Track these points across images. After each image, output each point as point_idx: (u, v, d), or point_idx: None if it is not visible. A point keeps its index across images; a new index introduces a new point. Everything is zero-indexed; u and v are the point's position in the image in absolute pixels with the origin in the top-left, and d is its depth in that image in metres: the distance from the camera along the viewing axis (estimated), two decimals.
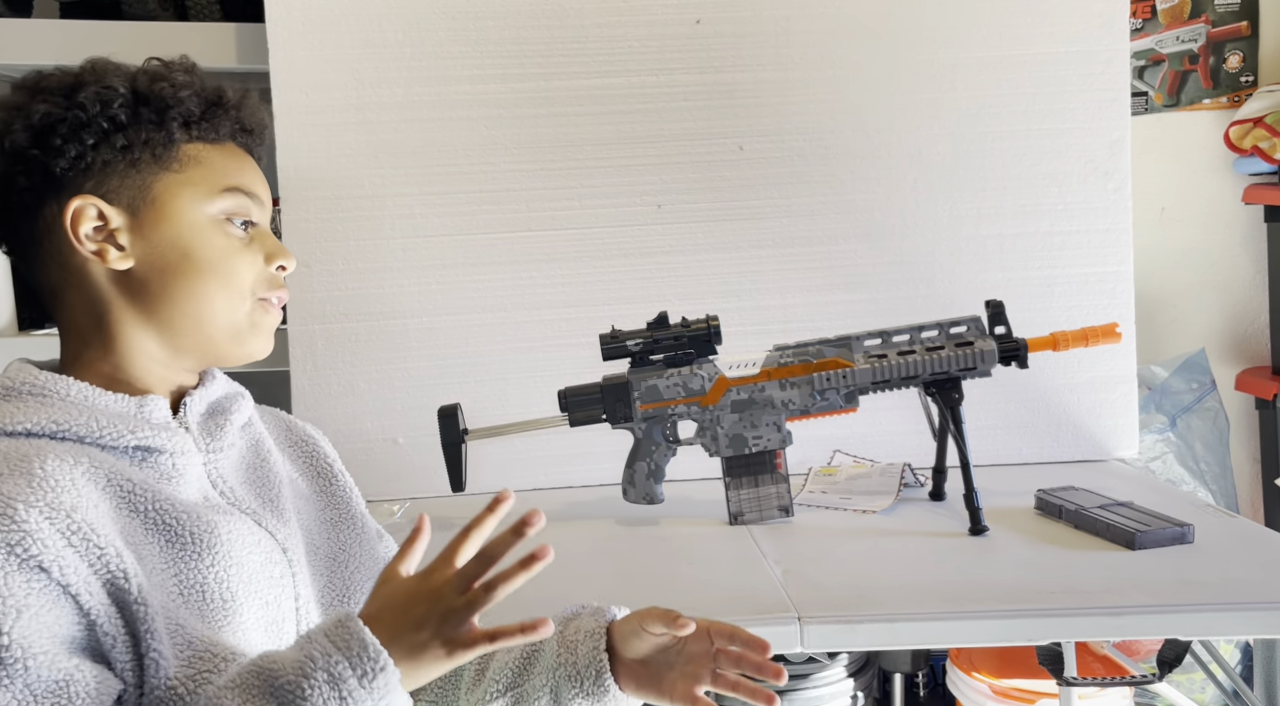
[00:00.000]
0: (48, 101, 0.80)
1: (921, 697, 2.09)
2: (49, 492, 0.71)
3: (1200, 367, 2.13)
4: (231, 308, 0.85)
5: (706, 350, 1.52)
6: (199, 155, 0.85)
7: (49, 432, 0.76)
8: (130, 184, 0.82)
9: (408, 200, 1.75)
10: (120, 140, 0.81)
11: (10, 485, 0.70)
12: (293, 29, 1.72)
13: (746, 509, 1.52)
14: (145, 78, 0.84)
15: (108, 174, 0.81)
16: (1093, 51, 1.78)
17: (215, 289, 0.84)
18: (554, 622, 0.92)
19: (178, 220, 0.83)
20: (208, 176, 0.85)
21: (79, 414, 0.78)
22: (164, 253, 0.82)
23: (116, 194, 0.81)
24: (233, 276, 0.85)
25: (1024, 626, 1.17)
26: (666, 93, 1.77)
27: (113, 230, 0.81)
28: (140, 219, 0.82)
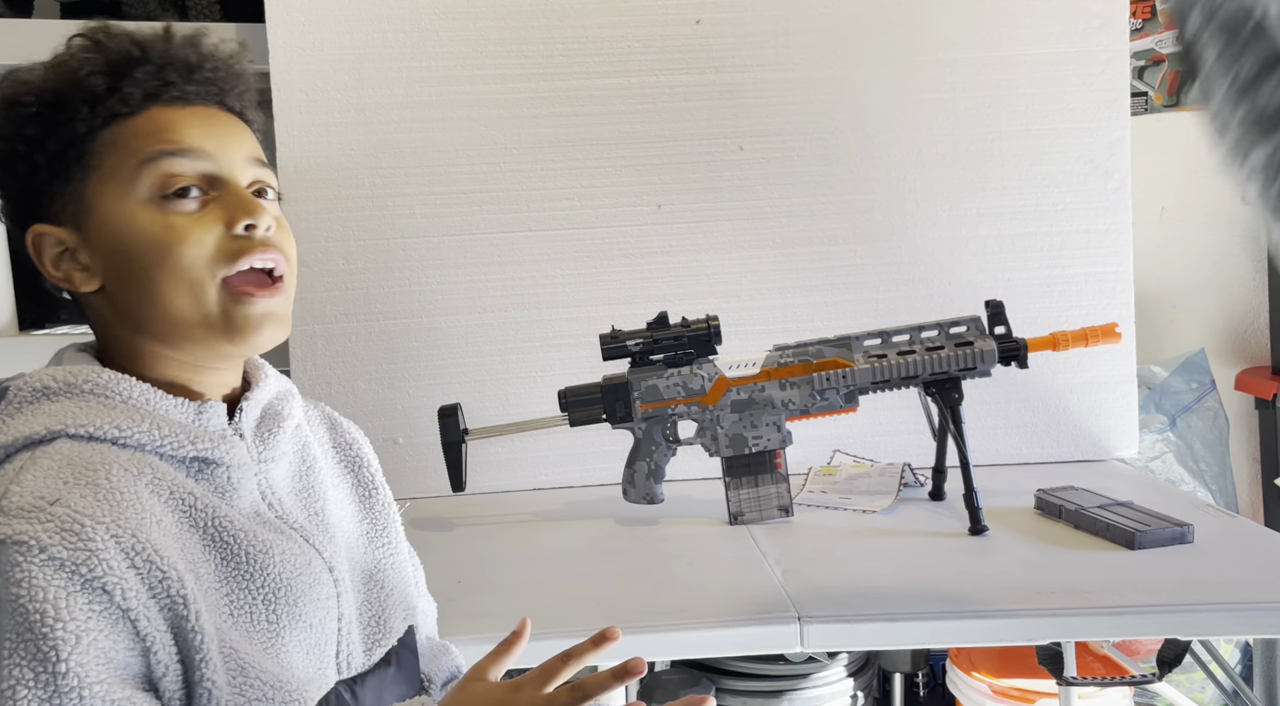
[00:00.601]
0: None
1: (921, 697, 2.09)
2: (116, 508, 0.68)
3: (1200, 367, 2.14)
4: (193, 299, 0.75)
5: (706, 350, 1.52)
6: (115, 138, 0.75)
7: (111, 438, 0.73)
8: (66, 199, 0.76)
9: (408, 200, 1.75)
10: (40, 157, 0.75)
11: (78, 498, 0.67)
12: (293, 29, 1.72)
13: (746, 509, 1.52)
14: (50, 75, 0.76)
15: (48, 196, 0.76)
16: (1093, 51, 1.78)
17: (165, 283, 0.75)
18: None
19: (113, 220, 0.75)
20: (124, 157, 0.75)
21: (141, 420, 0.74)
22: (114, 261, 0.75)
23: (60, 214, 0.76)
24: (176, 262, 0.74)
25: (1024, 626, 1.18)
26: (666, 93, 1.77)
27: (71, 251, 0.76)
28: (86, 233, 0.76)
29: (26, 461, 0.69)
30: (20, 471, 0.69)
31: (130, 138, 0.75)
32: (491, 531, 1.57)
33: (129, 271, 0.75)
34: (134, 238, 0.74)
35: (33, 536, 0.64)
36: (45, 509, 0.65)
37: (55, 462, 0.69)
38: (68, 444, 0.71)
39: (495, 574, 1.37)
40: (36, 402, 0.73)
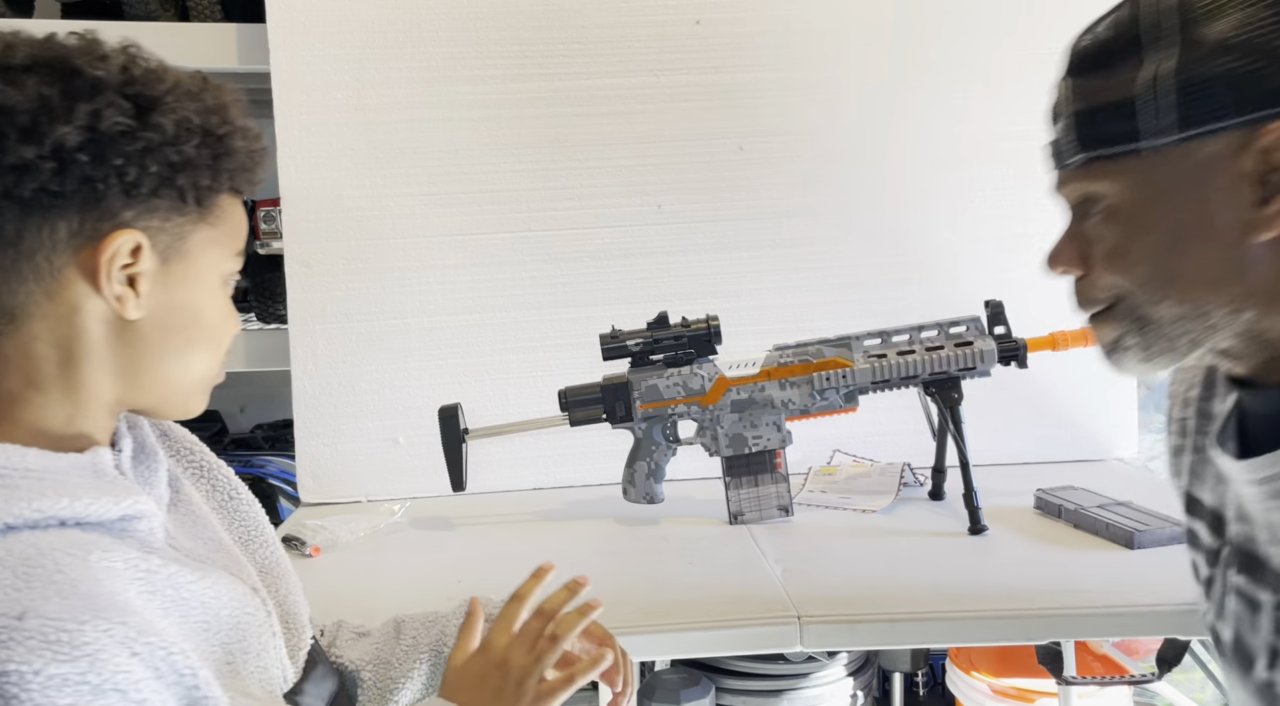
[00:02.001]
0: (119, 108, 0.68)
1: (921, 697, 2.09)
2: (86, 599, 0.61)
3: None
4: (207, 373, 0.77)
5: (706, 350, 1.52)
6: (228, 209, 0.76)
7: (29, 523, 0.64)
8: (171, 228, 0.72)
9: (408, 200, 1.75)
10: (180, 179, 0.71)
11: (43, 602, 0.59)
12: (294, 29, 1.72)
13: (746, 508, 1.52)
14: (214, 116, 0.74)
15: (153, 211, 0.71)
16: None
17: (205, 354, 0.76)
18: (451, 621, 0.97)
19: (201, 279, 0.74)
20: (231, 235, 0.77)
21: (52, 491, 0.65)
22: (176, 310, 0.73)
23: (154, 235, 0.71)
24: (223, 343, 0.78)
25: (1023, 626, 1.18)
26: (666, 93, 1.77)
27: (137, 274, 0.71)
28: (168, 268, 0.72)
29: None
30: None
31: (237, 217, 0.78)
32: (491, 531, 1.57)
33: (185, 329, 0.74)
34: (209, 305, 0.75)
35: (20, 661, 0.57)
36: (15, 627, 0.57)
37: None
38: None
39: (495, 574, 1.37)
40: None
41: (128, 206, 0.69)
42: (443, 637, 0.96)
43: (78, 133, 0.67)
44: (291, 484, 1.83)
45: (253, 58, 1.77)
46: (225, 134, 0.74)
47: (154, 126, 0.69)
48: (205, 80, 0.75)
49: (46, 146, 0.66)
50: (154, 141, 0.69)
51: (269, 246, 1.89)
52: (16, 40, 0.70)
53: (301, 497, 1.75)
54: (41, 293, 0.69)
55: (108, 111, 0.67)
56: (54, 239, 0.68)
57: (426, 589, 1.31)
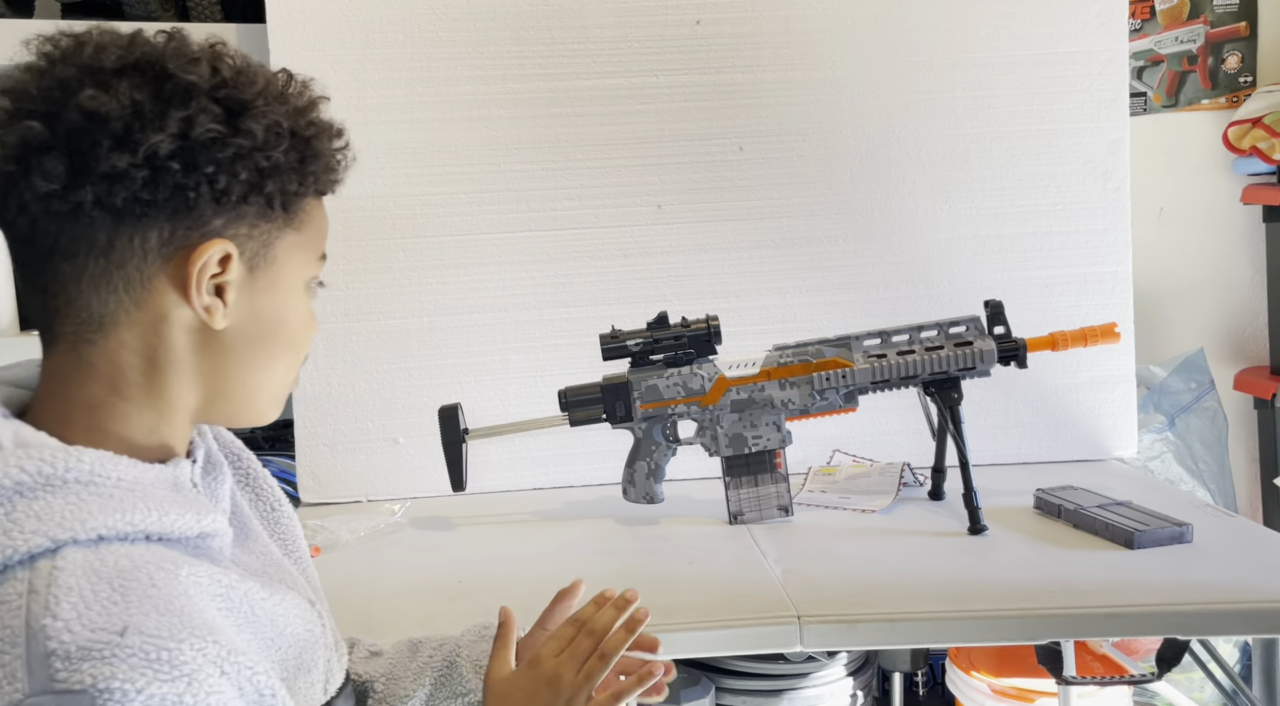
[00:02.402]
0: (211, 114, 0.67)
1: (921, 696, 2.09)
2: (181, 617, 0.60)
3: (1199, 367, 2.14)
4: (288, 380, 0.77)
5: (706, 350, 1.53)
6: (312, 212, 0.76)
7: (121, 535, 0.63)
8: (258, 235, 0.71)
9: (408, 200, 1.75)
10: (269, 185, 0.70)
11: (141, 618, 0.58)
12: (293, 29, 1.72)
13: (746, 508, 1.52)
14: (301, 118, 0.73)
15: (241, 218, 0.69)
16: (1091, 52, 1.78)
17: (287, 362, 0.75)
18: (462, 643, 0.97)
19: (286, 285, 0.73)
20: (316, 238, 0.76)
21: (143, 504, 0.65)
22: (261, 319, 0.72)
23: (243, 243, 0.70)
24: (304, 349, 0.77)
25: (1023, 626, 1.18)
26: (666, 93, 1.77)
27: (225, 283, 0.69)
28: (255, 276, 0.71)
29: (40, 584, 0.59)
30: (45, 598, 0.58)
31: (319, 222, 0.77)
32: (491, 531, 1.57)
33: (269, 338, 0.73)
34: (292, 312, 0.74)
35: (124, 679, 0.56)
36: (117, 641, 0.57)
37: (82, 580, 0.59)
38: (77, 553, 0.60)
39: (495, 574, 1.38)
40: (11, 504, 0.61)
41: (217, 214, 0.68)
42: (453, 655, 0.95)
43: (170, 141, 0.65)
44: (292, 484, 1.83)
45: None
46: (312, 136, 0.73)
47: (244, 132, 0.68)
48: (291, 78, 0.74)
49: (140, 155, 0.64)
50: (244, 148, 0.68)
51: None
52: (106, 41, 0.68)
53: (301, 497, 1.74)
54: (131, 301, 0.68)
55: (200, 118, 0.66)
56: (145, 248, 0.67)
57: (426, 589, 1.31)
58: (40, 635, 0.56)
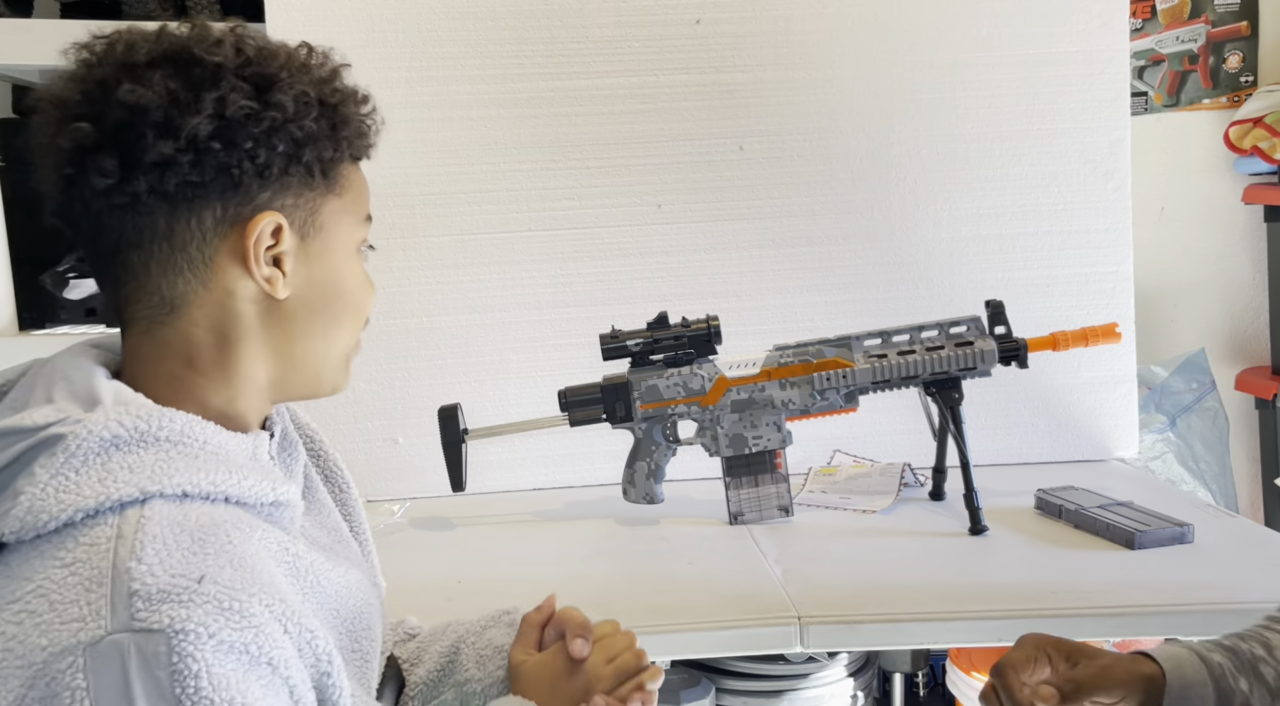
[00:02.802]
0: (241, 91, 0.69)
1: (921, 697, 2.09)
2: (253, 574, 0.63)
3: (1200, 367, 2.14)
4: (352, 343, 0.80)
5: (706, 350, 1.52)
6: (351, 177, 0.78)
7: (204, 494, 0.67)
8: (304, 204, 0.74)
9: (408, 200, 1.75)
10: (306, 154, 0.73)
11: (218, 569, 0.62)
12: (292, 28, 1.72)
13: (746, 509, 1.52)
14: (326, 85, 0.75)
15: (284, 189, 0.72)
16: (1092, 51, 1.78)
17: (350, 326, 0.79)
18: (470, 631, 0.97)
19: (337, 250, 0.76)
20: (358, 201, 0.79)
21: (225, 470, 0.68)
22: (319, 285, 0.75)
23: (291, 213, 0.73)
24: (364, 312, 0.80)
25: (1024, 626, 1.17)
26: (666, 93, 1.77)
27: (281, 254, 0.73)
28: (306, 244, 0.74)
29: (127, 530, 0.62)
30: (131, 543, 0.61)
31: (359, 186, 0.79)
32: (491, 531, 1.57)
33: (328, 302, 0.76)
34: (348, 276, 0.77)
35: (199, 622, 0.59)
36: (195, 588, 0.60)
37: (166, 529, 0.62)
38: (164, 505, 0.64)
39: (495, 574, 1.37)
40: (107, 455, 0.65)
41: (263, 188, 0.71)
42: (461, 640, 0.96)
43: (208, 122, 0.68)
44: None
45: None
46: (339, 102, 0.75)
47: (275, 105, 0.70)
48: (311, 49, 0.76)
49: (182, 139, 0.67)
50: (277, 120, 0.70)
51: None
52: (135, 38, 0.71)
53: None
54: (198, 281, 0.71)
55: (231, 96, 0.68)
56: (202, 229, 0.70)
57: (426, 589, 1.31)
58: (125, 576, 0.59)
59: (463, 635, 0.96)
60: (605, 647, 0.90)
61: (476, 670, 0.93)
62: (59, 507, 0.62)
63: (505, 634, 0.95)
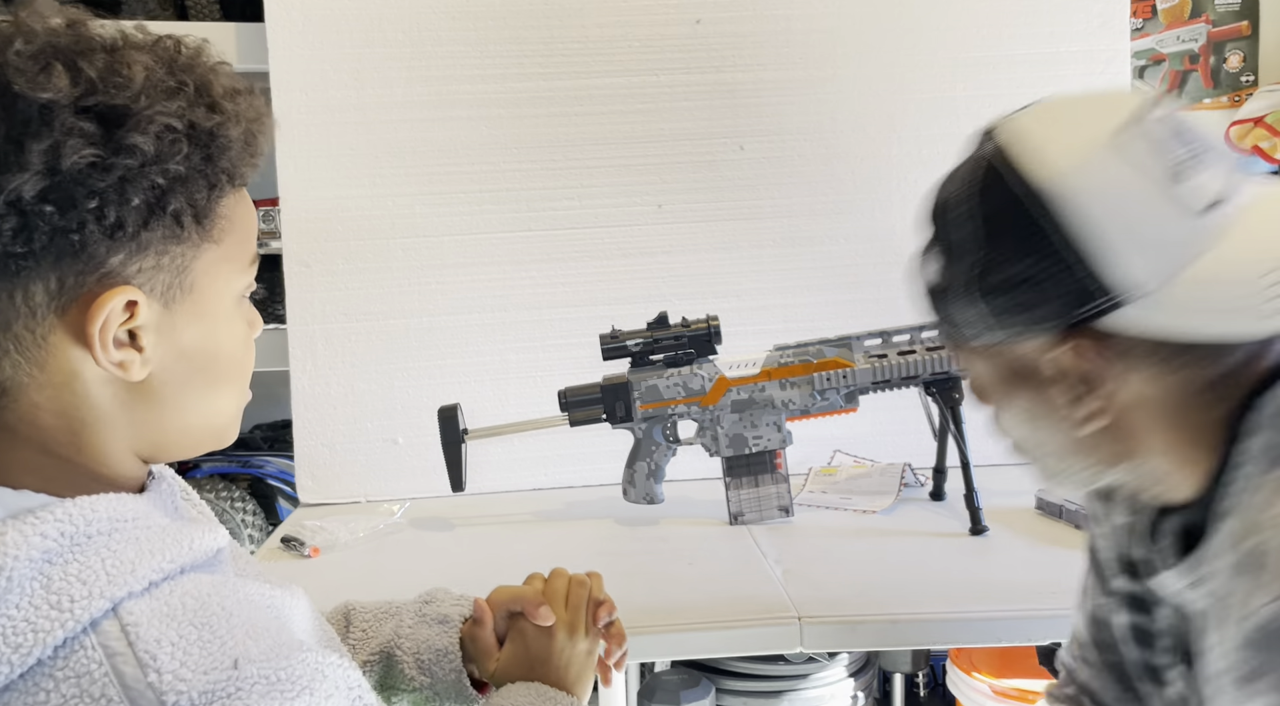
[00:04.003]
0: (82, 135, 0.55)
1: (921, 697, 2.09)
2: (269, 633, 0.57)
3: None
4: (235, 408, 0.68)
5: (706, 350, 1.52)
6: (231, 214, 0.63)
7: (165, 575, 0.57)
8: (169, 264, 0.60)
9: (408, 200, 1.75)
10: (173, 202, 0.59)
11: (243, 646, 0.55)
12: (293, 29, 1.72)
13: (746, 509, 1.52)
14: (201, 106, 0.60)
15: (144, 248, 0.59)
16: (1093, 51, 1.78)
17: (231, 389, 0.66)
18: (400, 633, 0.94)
19: (214, 309, 0.63)
20: (242, 243, 0.65)
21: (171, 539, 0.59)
22: (191, 354, 0.62)
23: (151, 278, 0.59)
24: (247, 370, 0.68)
25: (1024, 626, 1.17)
26: (666, 93, 1.77)
27: (137, 328, 0.60)
28: (172, 311, 0.61)
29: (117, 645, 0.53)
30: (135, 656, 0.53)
31: (242, 222, 0.64)
32: (491, 531, 1.57)
33: (203, 372, 0.64)
34: (226, 337, 0.65)
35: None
36: (235, 676, 0.53)
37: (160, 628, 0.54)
38: (136, 604, 0.55)
39: (495, 574, 1.37)
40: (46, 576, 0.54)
41: (114, 251, 0.58)
42: (392, 644, 0.92)
43: (36, 179, 0.54)
44: (291, 484, 1.83)
45: (251, 57, 1.77)
46: (216, 126, 0.60)
47: (128, 149, 0.56)
48: (178, 51, 0.62)
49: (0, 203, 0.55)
50: (131, 168, 0.56)
51: (267, 246, 1.89)
52: None
53: (301, 498, 1.74)
54: (30, 363, 0.58)
55: (68, 144, 0.55)
56: (30, 305, 0.57)
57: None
58: (149, 693, 0.51)
59: (392, 638, 0.92)
60: (554, 595, 0.93)
61: (423, 676, 0.91)
62: (17, 654, 0.52)
63: (440, 634, 0.92)
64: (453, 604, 0.95)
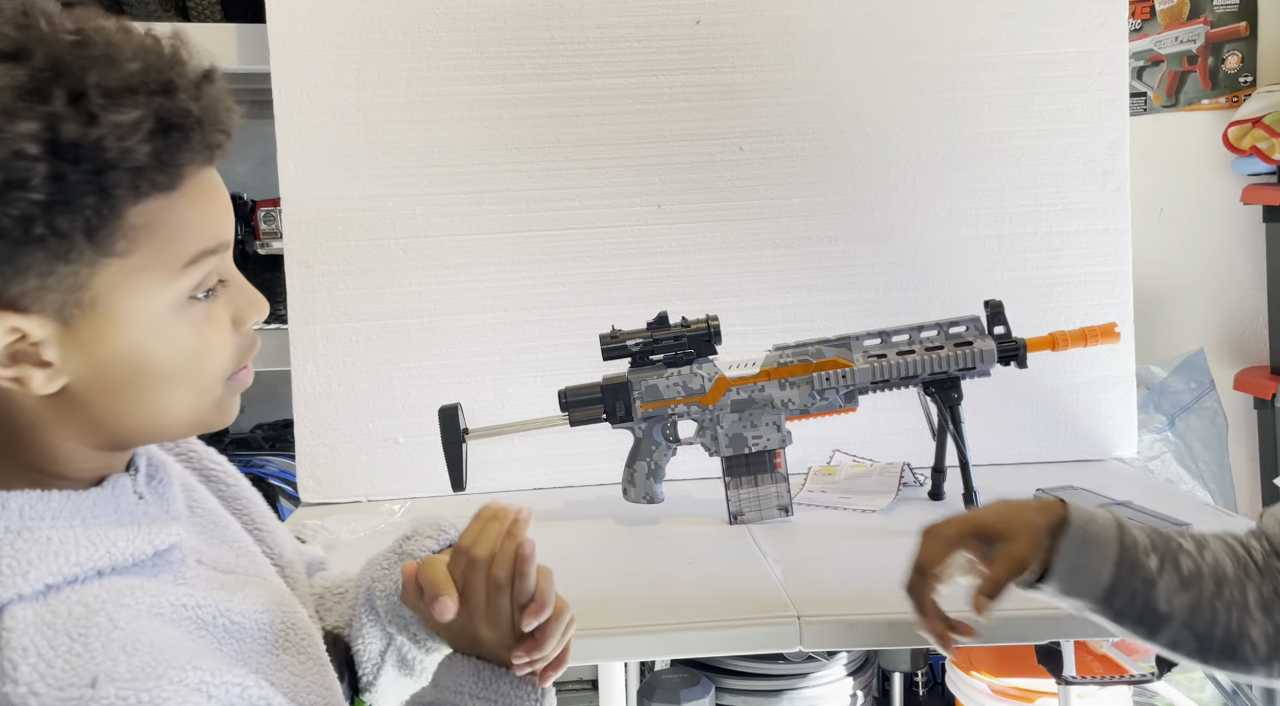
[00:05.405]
0: None
1: (921, 696, 2.09)
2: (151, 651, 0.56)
3: (1199, 367, 2.14)
4: (199, 405, 0.65)
5: (706, 350, 1.53)
6: (151, 221, 0.59)
7: (70, 578, 0.57)
8: (55, 283, 0.57)
9: (408, 200, 1.75)
10: (39, 228, 0.55)
11: (111, 664, 0.54)
12: (294, 29, 1.72)
13: (746, 508, 1.52)
14: (71, 118, 0.55)
15: (21, 272, 0.56)
16: (1092, 52, 1.79)
17: (181, 393, 0.64)
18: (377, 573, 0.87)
19: (128, 324, 0.60)
20: (167, 250, 0.60)
21: (87, 541, 0.59)
22: (110, 368, 0.60)
23: (37, 299, 0.57)
24: (202, 373, 0.64)
25: (1024, 626, 1.18)
26: (666, 93, 1.77)
27: (35, 344, 0.58)
28: (74, 327, 0.59)
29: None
30: None
31: (177, 217, 0.60)
32: None
33: (134, 382, 0.61)
34: (159, 347, 0.61)
35: None
36: (90, 696, 0.53)
37: (36, 637, 0.54)
38: (24, 609, 0.55)
39: None
40: None
41: None
42: (371, 590, 0.86)
43: None
44: (291, 484, 1.83)
45: (253, 58, 1.77)
46: (99, 139, 0.55)
47: None
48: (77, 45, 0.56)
49: None
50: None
51: (269, 246, 1.89)
52: None
53: (301, 497, 1.75)
54: None
55: None
56: None
57: None
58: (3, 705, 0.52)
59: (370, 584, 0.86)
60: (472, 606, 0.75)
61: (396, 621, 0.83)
62: None
63: None
64: (428, 538, 0.88)
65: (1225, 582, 0.89)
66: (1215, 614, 0.88)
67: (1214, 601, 0.89)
